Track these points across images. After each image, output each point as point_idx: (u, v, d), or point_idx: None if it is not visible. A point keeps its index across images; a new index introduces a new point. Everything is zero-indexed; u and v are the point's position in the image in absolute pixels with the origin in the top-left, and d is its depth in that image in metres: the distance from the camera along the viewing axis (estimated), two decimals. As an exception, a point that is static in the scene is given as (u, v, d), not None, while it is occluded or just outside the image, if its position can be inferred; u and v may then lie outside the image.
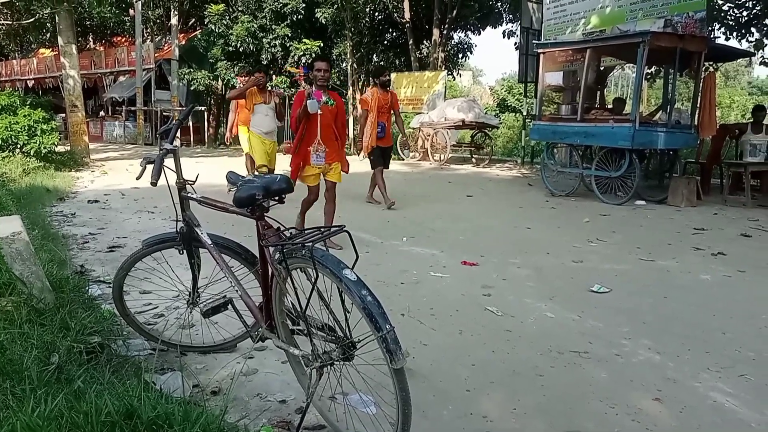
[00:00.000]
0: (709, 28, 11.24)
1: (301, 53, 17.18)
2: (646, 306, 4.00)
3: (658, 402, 2.66)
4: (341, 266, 1.96)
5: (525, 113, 15.29)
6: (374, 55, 18.90)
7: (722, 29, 13.01)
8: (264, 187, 2.24)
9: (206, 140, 21.62)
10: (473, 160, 15.64)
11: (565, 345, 3.26)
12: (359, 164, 9.56)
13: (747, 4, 12.81)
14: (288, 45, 17.53)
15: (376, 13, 18.87)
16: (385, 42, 19.33)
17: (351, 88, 18.38)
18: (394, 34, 19.81)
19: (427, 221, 6.81)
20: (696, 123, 8.97)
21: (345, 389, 2.33)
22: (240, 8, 18.01)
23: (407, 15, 17.45)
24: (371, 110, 7.76)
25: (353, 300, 1.91)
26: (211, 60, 18.96)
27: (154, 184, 2.44)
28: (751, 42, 12.73)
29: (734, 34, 12.91)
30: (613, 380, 2.87)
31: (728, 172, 9.29)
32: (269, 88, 8.54)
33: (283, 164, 8.11)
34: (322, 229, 2.08)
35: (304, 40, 17.41)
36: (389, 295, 4.04)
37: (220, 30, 17.75)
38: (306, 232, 2.08)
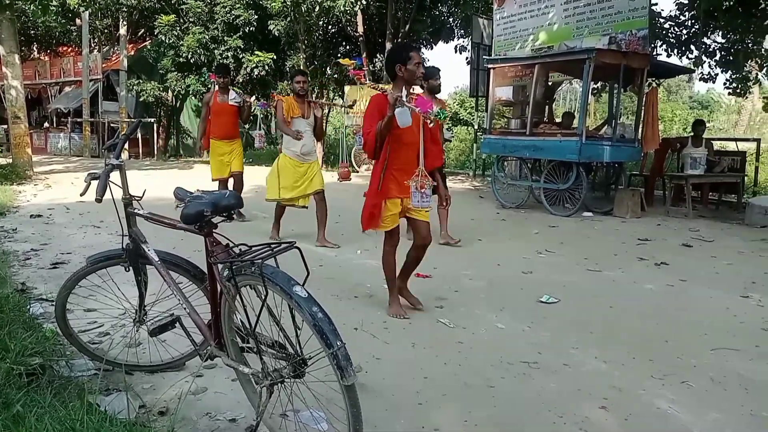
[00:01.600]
0: (652, 46, 11.70)
1: (254, 65, 17.07)
2: (593, 316, 4.11)
3: (604, 410, 2.72)
4: (292, 283, 1.95)
5: (476, 127, 15.55)
6: (328, 68, 18.91)
7: (664, 46, 13.56)
8: (212, 204, 2.21)
9: (156, 152, 21.17)
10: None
11: (515, 356, 3.31)
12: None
13: (686, 23, 13.39)
14: (240, 57, 17.39)
15: (330, 27, 18.93)
16: (339, 55, 19.38)
17: (304, 100, 18.33)
18: (348, 47, 19.90)
19: (380, 234, 6.81)
20: (640, 137, 9.29)
21: (296, 406, 2.31)
22: (191, 19, 17.77)
23: (360, 29, 17.58)
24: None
25: (304, 317, 1.91)
26: (161, 71, 18.62)
27: (98, 200, 2.38)
28: (691, 59, 13.31)
29: (675, 51, 13.46)
30: (561, 390, 2.93)
31: (670, 185, 9.64)
32: (310, 98, 6.81)
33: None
34: (272, 246, 2.07)
35: (256, 52, 17.30)
36: (343, 309, 4.03)
37: (171, 41, 17.47)
38: (254, 248, 2.07)
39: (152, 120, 20.52)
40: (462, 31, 18.24)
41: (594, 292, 4.70)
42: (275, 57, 17.60)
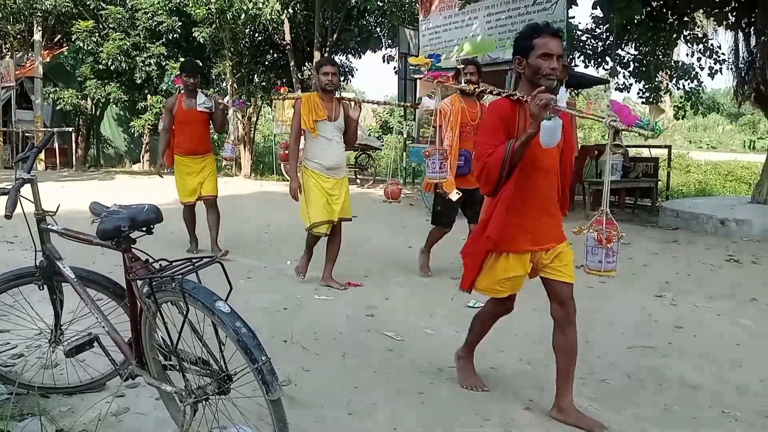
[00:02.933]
0: (570, 57, 12.20)
1: (179, 72, 16.69)
2: (518, 318, 4.21)
3: (528, 411, 2.81)
4: (214, 298, 1.92)
5: (405, 135, 15.75)
6: (255, 76, 18.68)
7: (582, 58, 14.16)
8: (130, 218, 2.15)
9: (75, 163, 20.27)
10: (357, 181, 15.83)
11: (444, 361, 3.37)
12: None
13: (602, 36, 14.04)
14: (164, 64, 16.95)
15: (257, 34, 18.71)
16: (266, 63, 19.18)
17: (231, 108, 18.05)
18: (276, 55, 19.72)
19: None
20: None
21: (223, 423, 2.26)
22: (111, 25, 17.17)
23: (287, 37, 17.47)
24: (448, 127, 4.96)
25: (227, 332, 1.88)
26: (79, 78, 17.87)
27: (8, 216, 2.27)
28: (607, 70, 13.97)
29: (592, 62, 14.09)
30: (488, 392, 3.00)
31: (590, 190, 10.07)
32: (338, 94, 5.13)
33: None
34: (193, 260, 2.03)
35: (181, 59, 16.90)
36: (272, 321, 3.98)
37: (90, 47, 16.81)
38: (175, 264, 2.02)
39: (70, 129, 19.65)
40: (390, 41, 18.43)
41: (520, 295, 4.83)
42: (201, 64, 17.24)
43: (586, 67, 14.12)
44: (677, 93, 14.74)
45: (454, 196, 4.92)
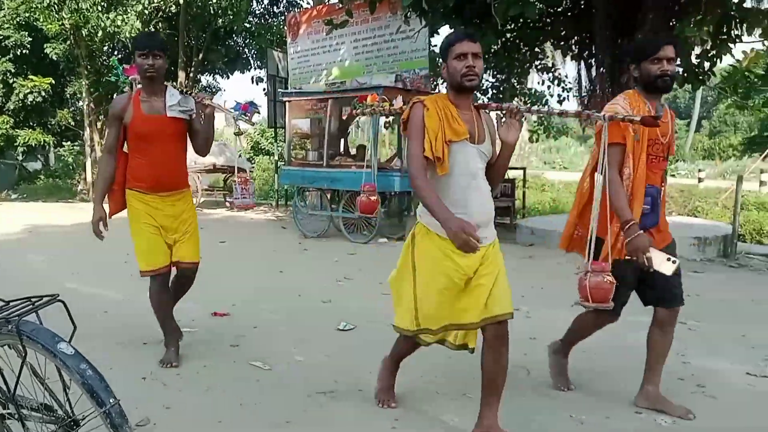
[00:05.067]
0: (435, 84, 12.78)
1: (28, 91, 15.47)
2: (387, 339, 4.30)
3: (395, 430, 2.88)
4: (56, 340, 1.80)
5: (277, 157, 15.63)
6: (115, 95, 17.74)
7: (444, 84, 14.90)
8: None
9: None
10: (227, 204, 15.45)
11: (314, 387, 3.36)
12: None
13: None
14: (11, 81, 15.66)
15: (116, 52, 17.82)
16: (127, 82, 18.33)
17: (88, 129, 17.04)
18: (137, 74, 18.90)
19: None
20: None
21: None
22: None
23: (150, 56, 16.80)
24: (629, 154, 2.91)
25: (72, 376, 1.76)
26: None
27: None
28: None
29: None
30: (357, 415, 3.04)
31: (455, 210, 10.54)
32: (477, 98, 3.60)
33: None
34: (33, 300, 1.89)
35: (30, 76, 15.70)
36: (129, 358, 3.77)
37: None
38: (13, 303, 1.87)
39: None
40: (259, 63, 18.29)
41: (388, 315, 4.93)
42: (53, 82, 16.10)
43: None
44: (532, 118, 15.91)
45: (663, 263, 2.80)
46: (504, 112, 2.74)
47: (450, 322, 2.78)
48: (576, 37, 10.75)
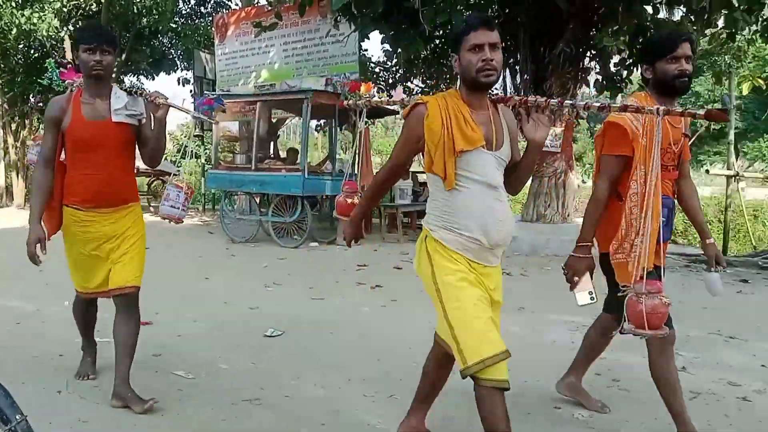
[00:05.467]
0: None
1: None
2: (315, 344, 4.30)
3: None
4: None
5: (204, 161, 15.29)
6: (30, 95, 16.87)
7: (376, 89, 15.00)
8: None
9: None
10: (151, 209, 14.96)
11: (238, 395, 3.30)
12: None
13: (392, 69, 15.00)
14: None
15: (32, 51, 16.96)
16: (44, 82, 17.47)
17: (1, 130, 16.15)
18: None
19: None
20: (356, 171, 10.07)
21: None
22: None
23: (69, 55, 16.08)
24: (641, 160, 2.57)
25: (-29, 393, 1.66)
26: None
27: None
28: (402, 99, 14.93)
29: (385, 93, 14.97)
30: (281, 422, 3.00)
31: (385, 213, 10.62)
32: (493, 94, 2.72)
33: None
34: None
35: (-67, 75, 14.77)
36: (45, 371, 3.59)
37: None
38: None
39: None
40: (185, 64, 17.84)
41: (317, 320, 4.93)
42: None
43: (380, 98, 14.98)
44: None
45: (582, 293, 2.81)
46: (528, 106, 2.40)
47: (501, 351, 2.22)
48: (501, 45, 11.05)
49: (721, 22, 8.87)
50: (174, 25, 17.05)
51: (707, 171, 11.95)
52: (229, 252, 8.58)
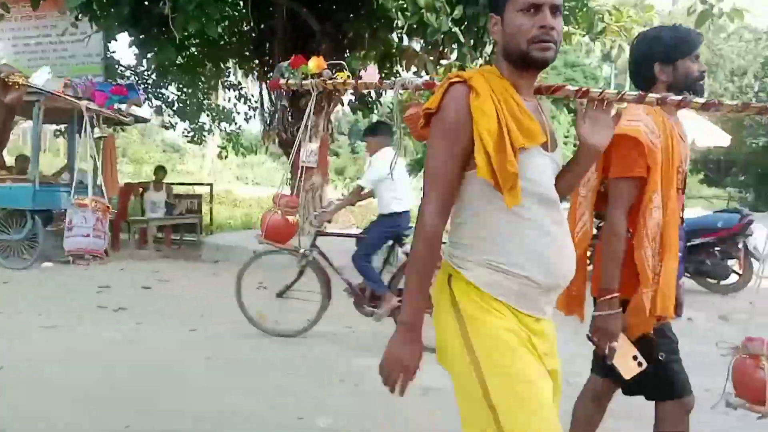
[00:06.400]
0: (110, 92, 11.90)
1: None
2: (50, 378, 3.86)
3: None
4: None
5: None
6: None
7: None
8: None
9: None
10: None
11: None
12: None
13: (145, 74, 14.14)
14: None
15: None
16: None
17: None
18: None
19: None
20: (100, 182, 9.29)
21: None
22: None
23: None
24: (652, 184, 2.04)
25: None
26: None
27: None
28: (152, 107, 14.11)
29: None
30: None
31: (135, 228, 9.94)
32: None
33: None
34: None
35: None
36: None
37: None
38: None
39: None
40: None
41: (51, 352, 4.42)
42: None
43: (141, 105, 14.03)
44: (220, 134, 15.90)
45: (627, 362, 2.09)
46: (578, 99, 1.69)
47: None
48: (257, 59, 11.13)
49: (454, 56, 10.00)
50: None
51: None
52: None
